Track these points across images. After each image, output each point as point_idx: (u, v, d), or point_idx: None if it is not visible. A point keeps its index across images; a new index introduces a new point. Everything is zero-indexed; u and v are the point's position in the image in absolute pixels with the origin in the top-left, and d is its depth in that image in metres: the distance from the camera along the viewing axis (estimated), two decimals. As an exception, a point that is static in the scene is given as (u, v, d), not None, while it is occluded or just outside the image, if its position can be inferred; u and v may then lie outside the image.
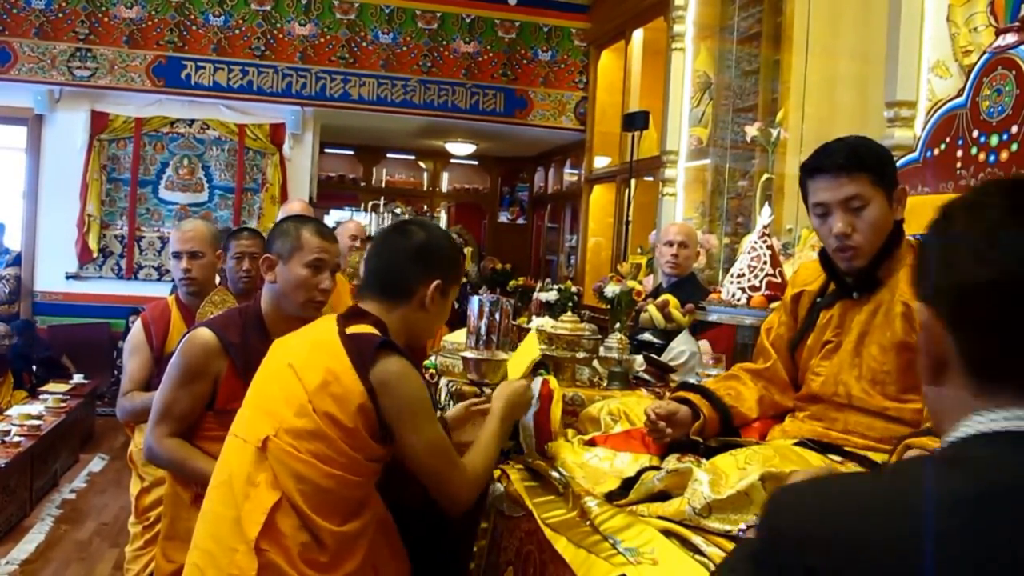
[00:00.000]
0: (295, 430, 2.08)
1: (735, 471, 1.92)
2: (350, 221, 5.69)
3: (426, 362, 5.19)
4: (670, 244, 4.83)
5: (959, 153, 3.08)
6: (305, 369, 2.14)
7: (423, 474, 2.20)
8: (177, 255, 3.54)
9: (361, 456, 2.12)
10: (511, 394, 2.49)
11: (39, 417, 6.49)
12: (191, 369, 2.61)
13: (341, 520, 2.11)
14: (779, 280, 3.00)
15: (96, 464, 7.24)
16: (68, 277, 9.26)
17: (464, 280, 9.86)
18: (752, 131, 5.44)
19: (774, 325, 2.51)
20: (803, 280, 2.46)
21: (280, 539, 2.04)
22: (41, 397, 7.16)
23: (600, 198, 10.04)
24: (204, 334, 2.65)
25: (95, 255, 9.26)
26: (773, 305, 2.80)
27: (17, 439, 5.91)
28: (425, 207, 13.92)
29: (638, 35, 9.07)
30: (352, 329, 2.19)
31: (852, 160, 2.17)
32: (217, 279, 3.76)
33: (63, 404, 7.04)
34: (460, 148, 12.40)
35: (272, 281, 2.72)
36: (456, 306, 9.06)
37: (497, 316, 2.69)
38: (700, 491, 1.94)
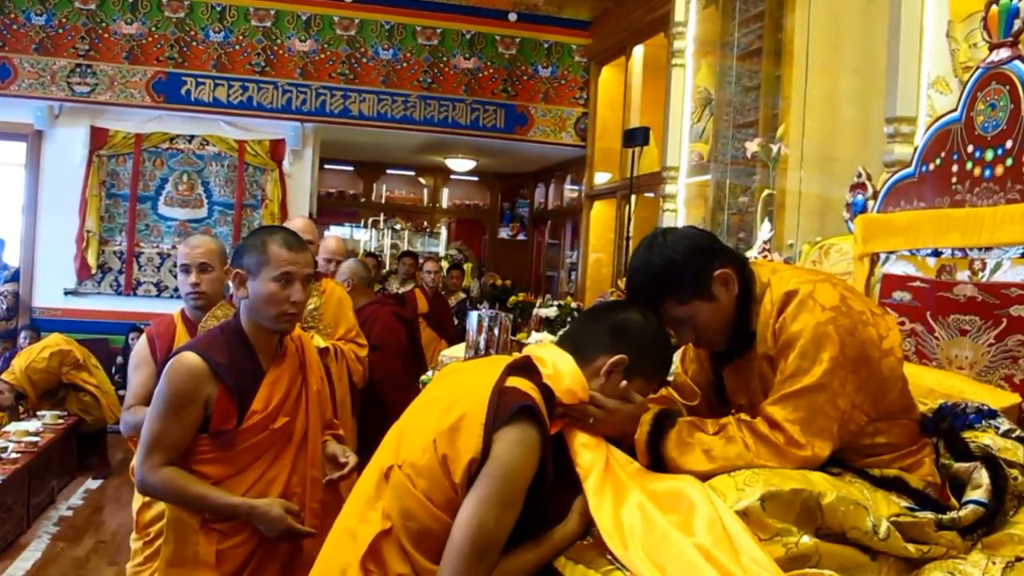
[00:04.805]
0: (417, 466, 1.97)
1: (733, 491, 1.89)
2: (330, 238, 5.57)
3: (423, 377, 5.19)
4: None
5: (955, 168, 3.07)
6: (447, 407, 2.02)
7: (448, 544, 1.91)
8: (186, 268, 3.49)
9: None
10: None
11: (37, 434, 6.46)
12: (180, 396, 2.54)
13: None
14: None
15: (94, 481, 7.21)
16: (67, 293, 9.24)
17: (464, 297, 9.89)
18: (753, 147, 5.42)
19: (687, 360, 2.47)
20: None
21: (383, 566, 1.97)
22: (39, 414, 7.13)
23: (601, 214, 10.04)
24: (190, 359, 2.57)
25: (94, 271, 9.24)
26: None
27: (14, 456, 5.89)
28: (425, 223, 13.94)
29: (638, 51, 9.09)
30: (512, 381, 2.01)
31: (648, 297, 2.17)
32: None
33: (61, 421, 7.01)
34: (460, 164, 12.42)
35: (244, 296, 2.66)
36: (456, 321, 9.01)
37: (496, 331, 2.68)
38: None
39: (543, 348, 2.19)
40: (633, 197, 7.84)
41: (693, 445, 2.04)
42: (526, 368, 2.09)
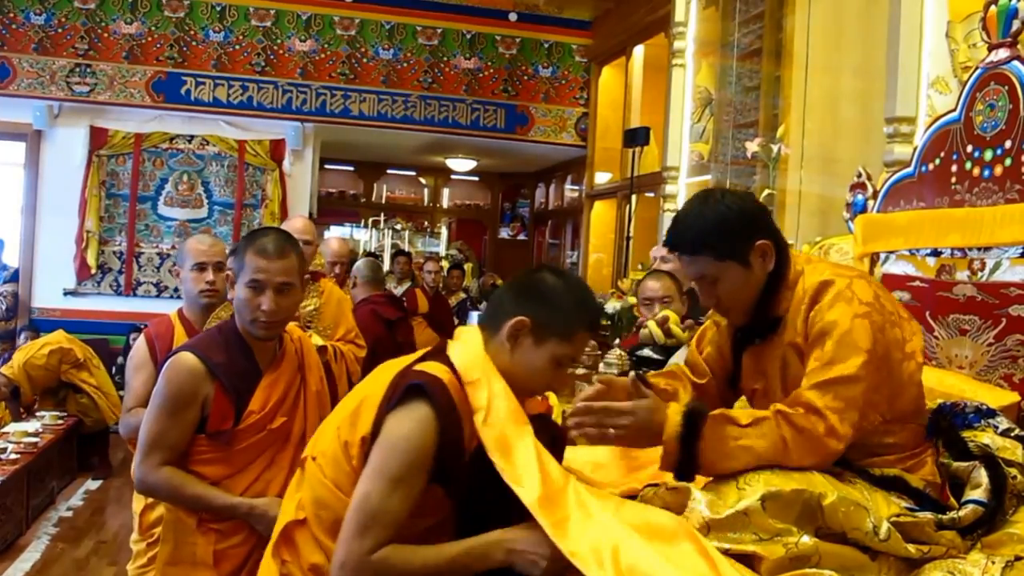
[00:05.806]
0: (326, 455, 2.01)
1: (733, 492, 1.89)
2: (333, 239, 5.46)
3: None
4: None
5: (954, 168, 3.08)
6: (355, 394, 2.06)
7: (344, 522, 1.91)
8: (202, 267, 3.45)
9: None
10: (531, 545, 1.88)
11: (36, 434, 6.45)
12: (178, 397, 2.54)
13: None
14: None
15: (94, 482, 7.20)
16: (66, 293, 9.23)
17: (465, 297, 9.89)
18: (753, 147, 5.43)
19: (704, 341, 2.45)
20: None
21: (296, 554, 2.01)
22: (39, 414, 7.12)
23: (601, 214, 10.04)
24: (188, 359, 2.57)
25: (93, 271, 9.23)
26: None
27: (13, 456, 5.88)
28: (426, 223, 13.93)
29: (639, 51, 9.09)
30: (421, 365, 1.99)
31: (688, 245, 2.17)
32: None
33: (60, 421, 7.00)
34: (461, 164, 12.42)
35: (231, 298, 2.68)
36: (456, 321, 8.97)
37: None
38: (698, 510, 1.91)
39: (466, 329, 2.16)
40: (634, 197, 7.84)
41: (727, 440, 1.98)
42: (439, 351, 2.07)
